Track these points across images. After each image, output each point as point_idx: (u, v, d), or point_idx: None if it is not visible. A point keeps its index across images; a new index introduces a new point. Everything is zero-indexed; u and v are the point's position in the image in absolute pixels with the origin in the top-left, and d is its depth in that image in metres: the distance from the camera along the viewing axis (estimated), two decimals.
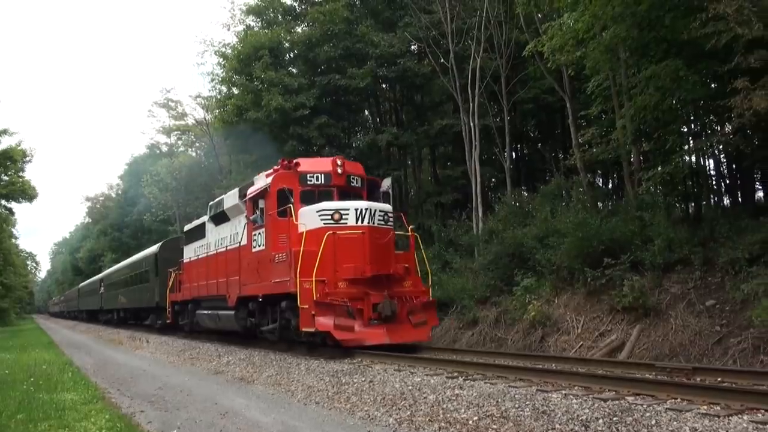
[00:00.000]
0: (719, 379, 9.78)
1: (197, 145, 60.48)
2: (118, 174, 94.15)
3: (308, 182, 16.46)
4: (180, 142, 64.60)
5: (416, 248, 17.25)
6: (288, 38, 31.85)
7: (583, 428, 7.04)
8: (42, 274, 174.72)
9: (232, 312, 18.97)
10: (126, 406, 10.83)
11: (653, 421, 6.86)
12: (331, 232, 15.02)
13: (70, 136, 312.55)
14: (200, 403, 10.87)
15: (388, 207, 16.79)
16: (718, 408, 7.20)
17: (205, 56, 64.95)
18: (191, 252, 24.97)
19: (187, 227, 26.94)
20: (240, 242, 18.52)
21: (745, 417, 6.73)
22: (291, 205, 15.81)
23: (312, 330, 14.42)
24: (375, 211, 15.74)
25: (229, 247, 19.82)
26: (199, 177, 53.00)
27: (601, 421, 7.14)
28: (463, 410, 8.42)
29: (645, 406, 7.51)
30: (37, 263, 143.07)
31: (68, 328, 53.85)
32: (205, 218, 23.36)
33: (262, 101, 28.21)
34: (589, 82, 19.75)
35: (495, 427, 7.60)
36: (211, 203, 22.56)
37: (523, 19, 23.54)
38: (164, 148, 66.80)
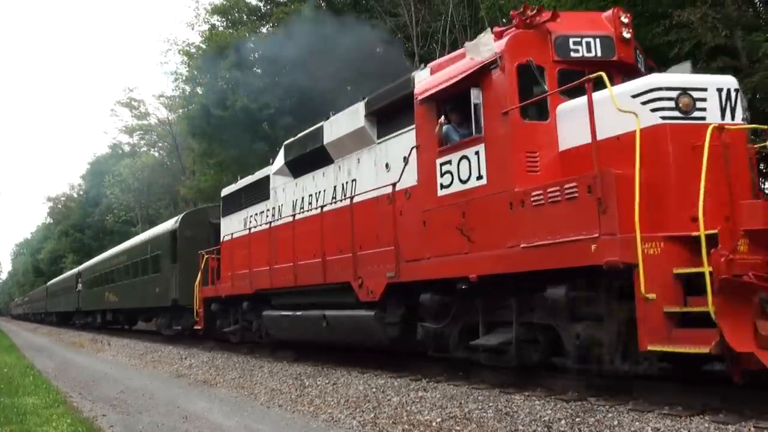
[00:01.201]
0: None
1: (160, 145, 60.12)
2: (80, 174, 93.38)
3: (571, 53, 9.17)
4: (143, 142, 64.23)
5: None
6: (253, 38, 31.79)
7: (545, 429, 7.07)
8: (3, 276, 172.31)
9: (369, 312, 11.38)
10: (88, 410, 10.65)
11: (615, 422, 6.90)
12: (715, 127, 7.28)
13: (31, 135, 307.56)
14: (162, 407, 10.74)
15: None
16: (680, 408, 7.27)
17: (168, 55, 64.49)
18: (237, 224, 17.73)
19: (228, 190, 19.26)
20: (395, 184, 10.91)
21: (707, 417, 6.80)
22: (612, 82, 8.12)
23: (705, 350, 6.50)
24: (739, 94, 8.13)
25: (357, 200, 12.03)
26: (162, 178, 52.73)
27: (563, 421, 7.17)
28: (426, 412, 8.41)
29: (607, 406, 7.57)
30: None
31: (29, 331, 52.98)
32: (267, 171, 16.40)
33: (228, 101, 28.11)
34: None
35: (458, 428, 7.60)
36: (288, 142, 15.29)
37: (488, 23, 23.72)
38: (127, 148, 66.50)
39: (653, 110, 7.78)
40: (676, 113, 7.74)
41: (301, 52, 24.76)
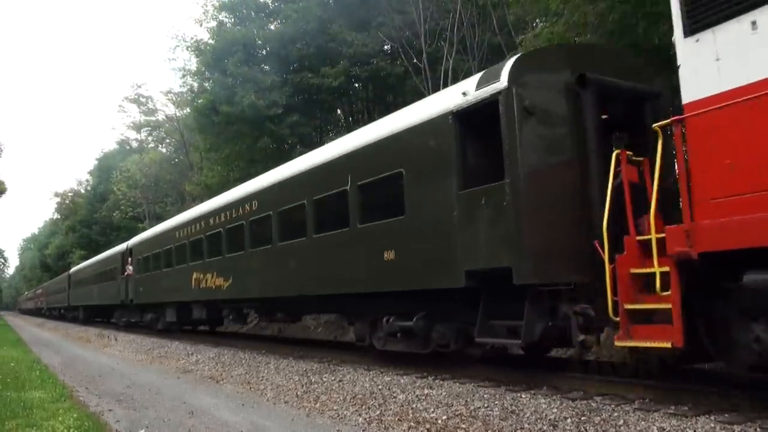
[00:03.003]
0: None
1: (167, 141, 60.25)
2: (88, 170, 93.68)
3: None
4: (150, 138, 64.40)
5: None
6: (261, 35, 31.77)
7: (551, 428, 7.07)
8: (10, 271, 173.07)
9: None
10: (94, 405, 10.69)
11: (621, 421, 6.90)
12: None
13: (39, 130, 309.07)
14: (169, 402, 10.77)
15: None
16: (686, 408, 7.27)
17: (176, 51, 64.61)
18: None
19: None
20: None
21: (712, 417, 6.80)
22: None
23: None
24: None
25: None
26: (169, 174, 52.80)
27: (569, 420, 7.18)
28: (432, 410, 8.42)
29: (613, 405, 7.57)
30: (5, 259, 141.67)
31: (37, 326, 53.14)
32: None
33: (235, 98, 28.12)
34: None
35: (464, 426, 7.61)
36: None
37: (495, 21, 23.67)
38: (134, 144, 66.67)
39: None
40: None
41: None
